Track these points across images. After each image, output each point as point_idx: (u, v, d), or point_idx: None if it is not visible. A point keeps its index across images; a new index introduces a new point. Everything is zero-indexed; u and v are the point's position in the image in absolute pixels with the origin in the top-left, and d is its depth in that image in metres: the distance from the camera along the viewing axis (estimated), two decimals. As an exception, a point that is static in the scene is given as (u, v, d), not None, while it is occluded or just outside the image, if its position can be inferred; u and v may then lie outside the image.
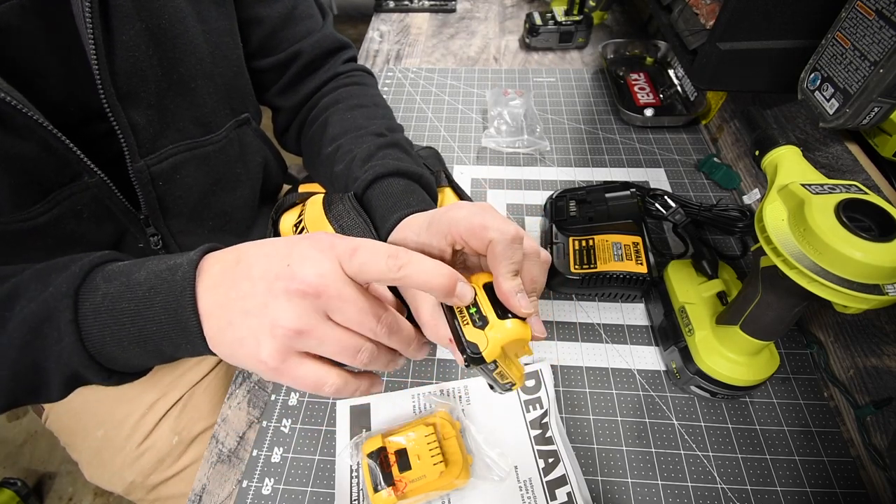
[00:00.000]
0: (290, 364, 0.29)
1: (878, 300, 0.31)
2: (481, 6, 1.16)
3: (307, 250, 0.30)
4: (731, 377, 0.44)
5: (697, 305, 0.49)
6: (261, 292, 0.29)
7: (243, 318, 0.29)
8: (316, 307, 0.29)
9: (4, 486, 1.19)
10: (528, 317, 0.32)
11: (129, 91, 0.42)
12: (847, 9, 0.43)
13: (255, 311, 0.29)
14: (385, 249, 0.29)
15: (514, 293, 0.30)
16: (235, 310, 0.29)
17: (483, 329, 0.30)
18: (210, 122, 0.50)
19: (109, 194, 0.44)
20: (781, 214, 0.35)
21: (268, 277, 0.29)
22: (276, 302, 0.29)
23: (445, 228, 0.34)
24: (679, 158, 0.74)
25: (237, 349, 0.29)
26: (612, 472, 0.45)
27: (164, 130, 0.46)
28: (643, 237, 0.55)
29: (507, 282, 0.31)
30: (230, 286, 0.30)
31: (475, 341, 0.30)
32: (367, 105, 0.58)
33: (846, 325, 0.49)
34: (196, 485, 0.46)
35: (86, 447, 0.60)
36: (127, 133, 0.42)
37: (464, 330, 0.31)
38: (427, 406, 0.49)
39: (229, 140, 0.53)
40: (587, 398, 0.49)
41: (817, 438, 0.46)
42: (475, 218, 0.32)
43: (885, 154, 0.46)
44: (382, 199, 0.45)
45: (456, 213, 0.34)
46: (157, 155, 0.46)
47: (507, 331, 0.30)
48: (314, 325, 0.29)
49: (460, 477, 0.42)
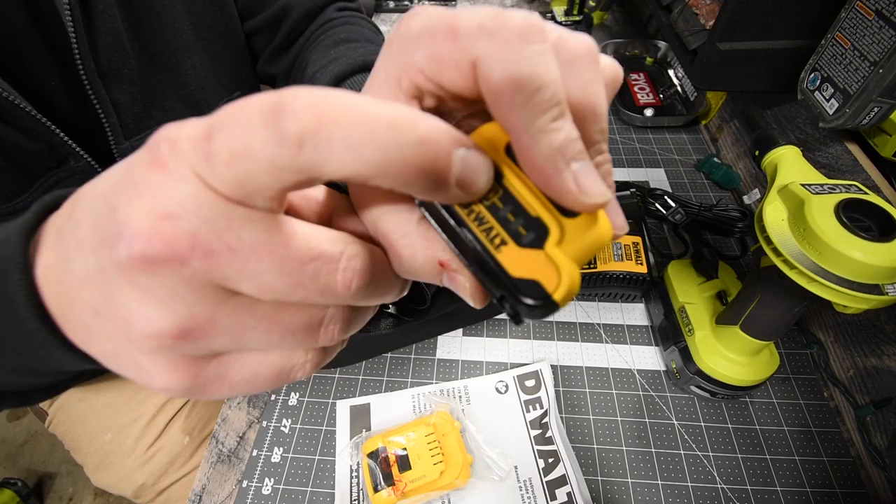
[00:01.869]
0: (206, 378, 0.16)
1: (878, 300, 0.31)
2: (481, 6, 1.16)
3: (138, 168, 0.14)
4: (731, 377, 0.44)
5: (697, 305, 0.49)
6: (94, 273, 0.15)
7: (96, 321, 0.16)
8: (190, 281, 0.14)
9: (4, 486, 1.19)
10: (601, 205, 0.15)
11: (111, 68, 0.40)
12: (847, 9, 0.43)
13: (103, 309, 0.15)
14: (261, 111, 0.13)
15: (564, 162, 0.14)
16: (83, 308, 0.16)
17: (537, 246, 0.15)
18: (198, 100, 0.47)
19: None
20: (781, 214, 0.35)
21: (94, 242, 0.15)
22: (117, 292, 0.14)
23: (394, 66, 0.16)
24: (679, 158, 0.74)
25: (122, 370, 0.16)
26: (612, 472, 0.45)
27: (148, 110, 0.44)
28: (643, 237, 0.55)
29: (542, 139, 0.14)
30: (63, 263, 0.16)
31: (531, 276, 0.15)
32: (357, 40, 0.47)
33: (846, 325, 0.49)
34: (196, 485, 0.46)
35: (93, 451, 0.60)
36: (109, 112, 0.41)
37: (498, 258, 0.15)
38: (427, 406, 0.49)
39: None
40: (587, 398, 0.49)
41: (817, 438, 0.46)
42: (440, 20, 0.15)
43: (884, 154, 0.46)
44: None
45: (405, 28, 0.16)
46: (142, 136, 0.44)
47: (584, 240, 0.15)
48: (202, 316, 0.15)
49: (460, 477, 0.42)
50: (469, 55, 0.14)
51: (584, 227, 0.15)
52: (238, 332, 0.15)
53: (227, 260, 0.14)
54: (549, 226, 0.15)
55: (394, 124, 0.13)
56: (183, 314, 0.14)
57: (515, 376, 0.50)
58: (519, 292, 0.15)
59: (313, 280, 0.14)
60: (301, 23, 0.51)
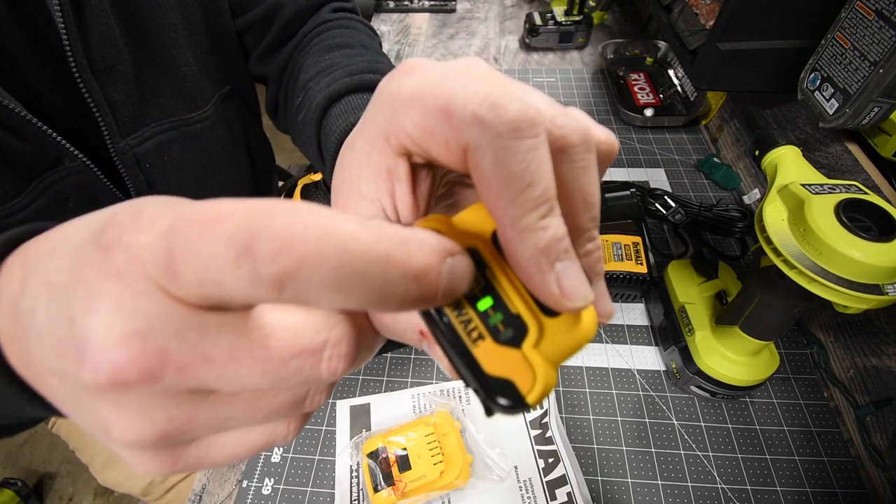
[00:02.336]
0: (187, 462, 0.16)
1: (878, 300, 0.31)
2: (481, 6, 1.16)
3: (91, 272, 0.12)
4: (731, 377, 0.44)
5: (697, 305, 0.49)
6: (61, 374, 0.13)
7: (72, 410, 0.15)
8: (165, 393, 0.13)
9: (5, 486, 1.19)
10: (581, 308, 0.15)
11: (105, 65, 0.39)
12: (847, 9, 0.43)
13: (77, 407, 0.14)
14: (230, 244, 0.11)
15: (549, 263, 0.14)
16: (55, 396, 0.15)
17: (515, 345, 0.15)
18: (194, 96, 0.47)
19: (93, 179, 0.41)
20: (781, 214, 0.35)
21: (55, 348, 0.13)
22: (87, 402, 0.13)
23: (383, 123, 0.16)
24: (679, 158, 0.74)
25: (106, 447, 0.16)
26: (612, 472, 0.45)
27: (144, 108, 0.43)
28: (643, 237, 0.55)
29: (528, 237, 0.14)
30: (24, 345, 0.14)
31: (505, 375, 0.14)
32: (352, 46, 0.46)
33: (846, 325, 0.49)
34: (196, 485, 0.46)
35: (98, 451, 0.60)
36: (104, 110, 0.40)
37: (474, 352, 0.15)
38: (427, 406, 0.49)
39: (217, 117, 0.49)
40: (587, 398, 0.49)
41: (817, 438, 0.46)
42: (433, 90, 0.15)
43: (884, 154, 0.46)
44: (338, 122, 0.33)
45: (396, 87, 0.16)
46: (139, 134, 0.43)
47: (564, 341, 0.15)
48: (181, 419, 0.14)
49: (460, 477, 0.42)
50: (461, 140, 0.14)
51: (565, 327, 0.15)
52: (219, 424, 0.15)
53: (204, 370, 0.12)
54: (529, 325, 0.15)
55: (385, 261, 0.12)
56: (160, 420, 0.14)
57: (515, 376, 0.50)
58: (492, 389, 0.14)
59: (296, 375, 0.13)
60: (293, 21, 0.50)
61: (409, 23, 1.11)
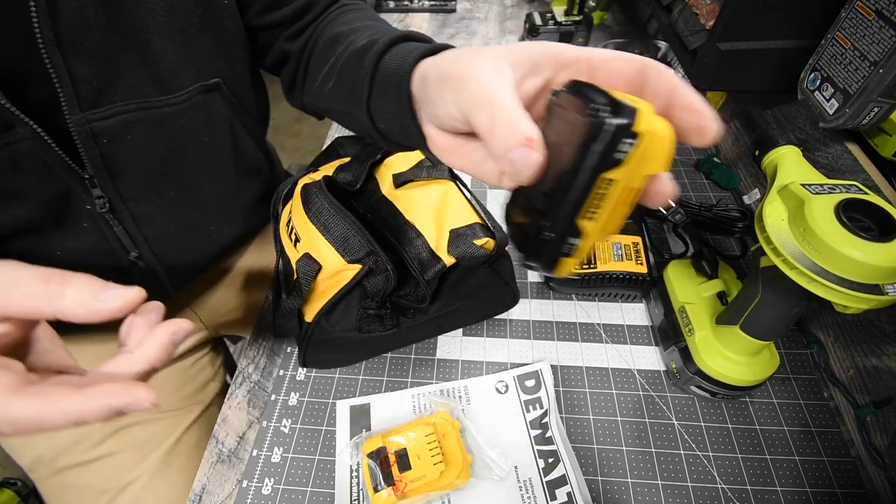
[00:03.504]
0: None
1: (878, 300, 0.31)
2: (481, 6, 1.16)
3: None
4: (731, 377, 0.44)
5: (697, 305, 0.49)
6: None
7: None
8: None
9: (4, 486, 1.19)
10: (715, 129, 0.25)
11: (72, 39, 0.40)
12: (847, 9, 0.43)
13: None
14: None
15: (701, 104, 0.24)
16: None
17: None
18: (168, 81, 0.47)
19: (44, 147, 0.41)
20: (781, 214, 0.35)
21: None
22: None
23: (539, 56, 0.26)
24: (679, 158, 0.74)
25: None
26: (612, 472, 0.45)
27: (111, 84, 0.43)
28: (643, 237, 0.55)
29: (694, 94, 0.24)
30: None
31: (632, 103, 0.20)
32: (372, 18, 0.52)
33: (846, 325, 0.49)
34: (196, 485, 0.46)
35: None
36: (64, 81, 0.40)
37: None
38: (427, 406, 0.49)
39: (192, 105, 0.49)
40: (587, 398, 0.49)
41: (817, 438, 0.46)
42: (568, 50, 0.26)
43: (884, 154, 0.46)
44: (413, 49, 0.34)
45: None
46: (102, 110, 0.43)
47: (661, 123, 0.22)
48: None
49: (460, 477, 0.42)
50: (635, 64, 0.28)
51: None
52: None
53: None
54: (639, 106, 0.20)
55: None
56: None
57: (515, 376, 0.50)
58: (612, 104, 0.19)
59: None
60: (322, 16, 0.55)
61: (410, 23, 1.11)
